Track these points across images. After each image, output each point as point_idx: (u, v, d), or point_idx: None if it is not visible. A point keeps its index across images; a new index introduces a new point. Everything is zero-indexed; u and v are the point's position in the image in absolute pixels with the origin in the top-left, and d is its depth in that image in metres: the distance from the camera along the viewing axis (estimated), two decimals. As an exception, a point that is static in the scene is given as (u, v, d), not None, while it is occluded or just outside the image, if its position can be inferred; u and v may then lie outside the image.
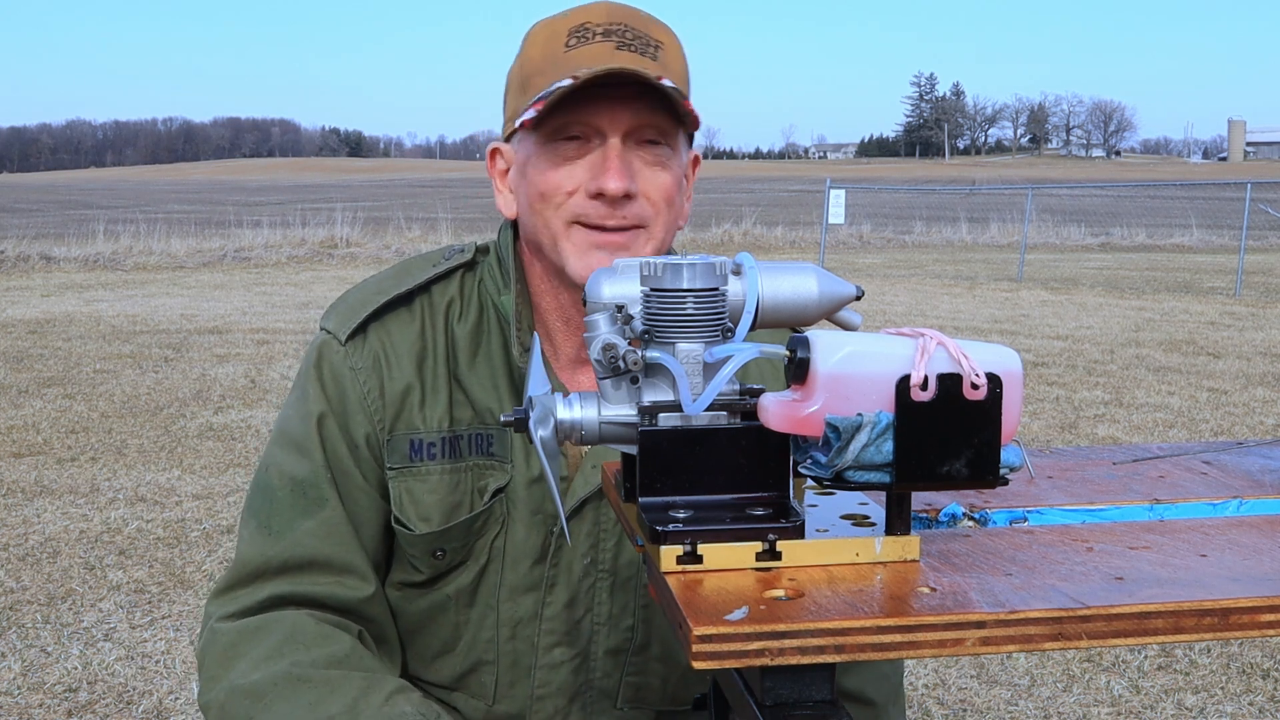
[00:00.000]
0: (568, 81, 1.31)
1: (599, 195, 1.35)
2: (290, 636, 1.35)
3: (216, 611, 1.41)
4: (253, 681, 1.32)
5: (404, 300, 1.47)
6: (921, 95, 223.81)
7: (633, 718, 1.50)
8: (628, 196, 1.35)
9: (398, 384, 1.43)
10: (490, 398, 1.44)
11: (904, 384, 0.88)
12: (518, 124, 1.39)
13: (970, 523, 1.09)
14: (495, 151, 1.49)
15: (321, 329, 1.48)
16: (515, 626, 1.45)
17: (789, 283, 1.04)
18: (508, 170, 1.47)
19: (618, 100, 1.34)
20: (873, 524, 0.98)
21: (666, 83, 1.32)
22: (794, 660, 0.81)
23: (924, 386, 0.88)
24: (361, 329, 1.45)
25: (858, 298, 1.08)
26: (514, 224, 1.49)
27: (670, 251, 1.54)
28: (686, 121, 1.39)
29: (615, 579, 1.45)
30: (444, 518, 1.43)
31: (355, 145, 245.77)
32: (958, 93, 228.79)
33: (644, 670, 1.49)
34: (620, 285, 1.03)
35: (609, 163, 1.34)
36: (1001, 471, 0.90)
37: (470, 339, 1.46)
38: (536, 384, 1.05)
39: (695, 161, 1.52)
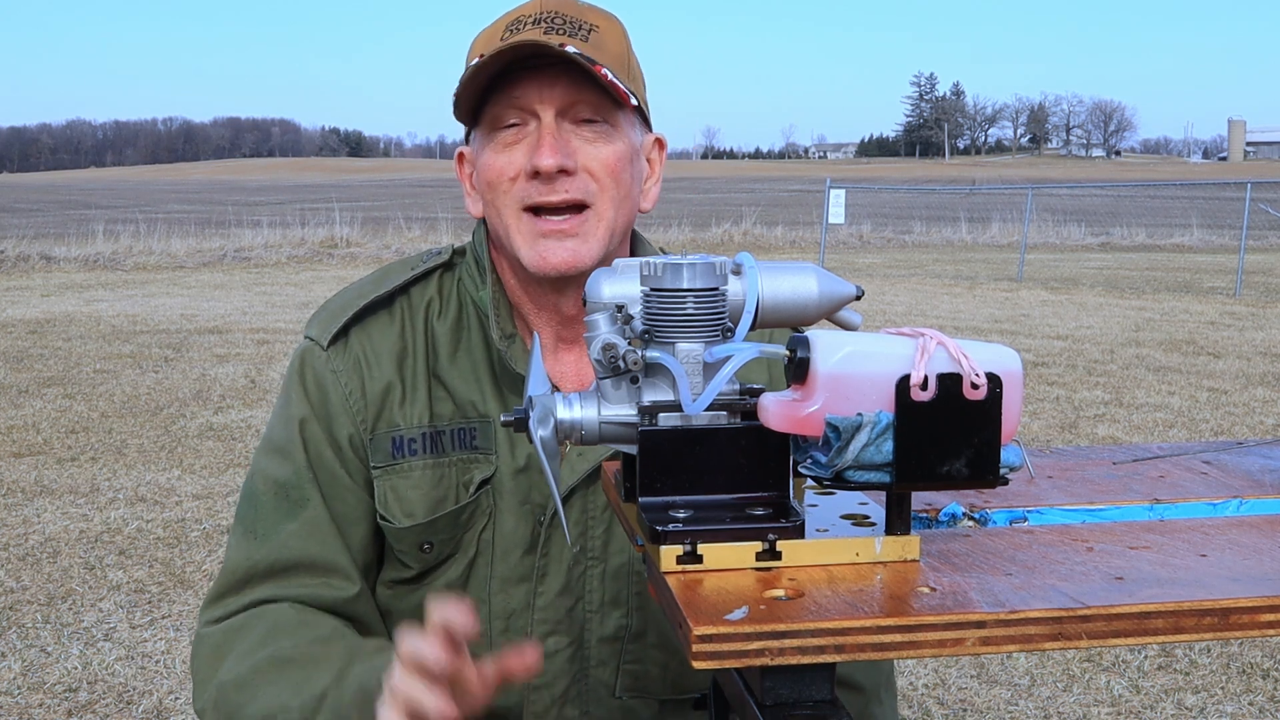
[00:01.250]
0: (477, 60, 1.34)
1: (536, 174, 1.37)
2: (274, 627, 1.37)
3: (205, 619, 1.43)
4: (238, 674, 1.33)
5: (384, 303, 1.49)
6: (921, 95, 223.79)
7: (634, 708, 1.50)
8: (565, 172, 1.37)
9: (378, 383, 1.45)
10: (472, 390, 1.46)
11: (904, 384, 0.88)
12: (455, 116, 1.44)
13: (970, 522, 1.09)
14: (461, 156, 1.53)
15: (305, 337, 1.51)
16: (508, 618, 1.46)
17: (789, 283, 1.04)
18: (473, 172, 1.50)
19: (546, 79, 1.37)
20: (873, 524, 0.98)
21: (571, 49, 1.33)
22: (794, 660, 0.81)
23: (924, 386, 0.88)
24: (343, 333, 1.47)
25: (858, 298, 1.09)
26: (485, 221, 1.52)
27: (645, 246, 1.56)
28: (618, 96, 1.39)
29: (606, 566, 1.46)
30: (429, 511, 1.44)
31: (355, 145, 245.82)
32: (958, 93, 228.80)
33: (642, 658, 1.49)
34: (620, 285, 1.03)
35: (542, 140, 1.37)
36: (1001, 471, 0.90)
37: (451, 335, 1.48)
38: (537, 384, 1.05)
39: (659, 145, 1.53)
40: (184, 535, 5.18)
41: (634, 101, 1.41)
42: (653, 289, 0.98)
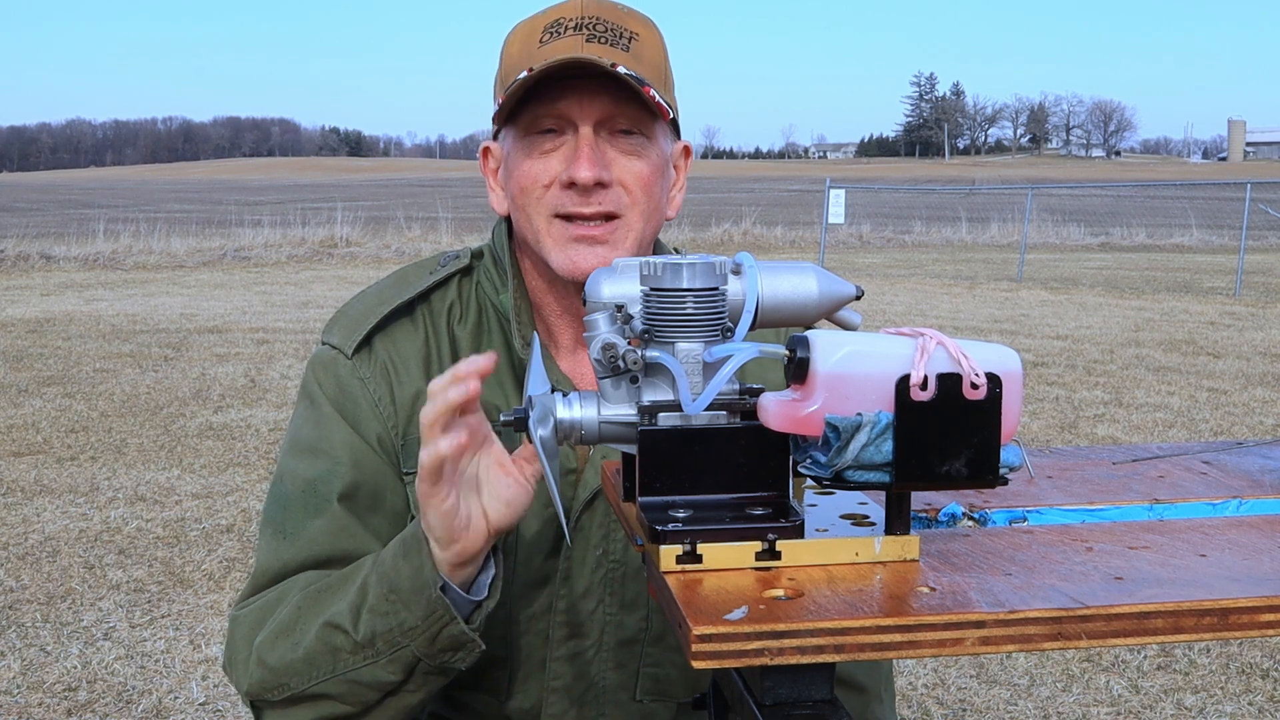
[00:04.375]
0: (524, 74, 1.33)
1: (571, 185, 1.37)
2: (306, 582, 1.36)
3: (235, 612, 1.42)
4: (279, 624, 1.32)
5: (405, 310, 1.48)
6: (921, 95, 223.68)
7: (654, 710, 1.50)
8: (601, 185, 1.37)
9: (408, 389, 1.44)
10: (496, 395, 1.45)
11: (904, 384, 0.88)
12: (493, 118, 1.43)
13: (970, 522, 1.09)
14: (486, 150, 1.52)
15: (325, 344, 1.48)
16: (529, 621, 1.46)
17: (789, 282, 1.04)
18: (498, 168, 1.49)
19: (587, 92, 1.36)
20: (872, 524, 0.98)
21: (621, 69, 1.33)
22: (793, 660, 0.81)
23: (924, 386, 0.88)
24: (367, 341, 1.46)
25: (857, 297, 1.09)
26: (508, 220, 1.51)
27: (662, 248, 1.55)
28: (656, 111, 1.39)
29: (626, 569, 1.46)
30: None
31: (355, 145, 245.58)
32: (958, 92, 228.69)
33: (662, 661, 1.49)
34: (620, 285, 1.03)
35: (580, 152, 1.37)
36: (1001, 471, 0.90)
37: (471, 339, 1.48)
38: (536, 384, 1.05)
39: (686, 152, 1.53)
40: (183, 535, 5.17)
41: (672, 114, 1.42)
42: (652, 289, 0.98)
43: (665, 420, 0.98)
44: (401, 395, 1.44)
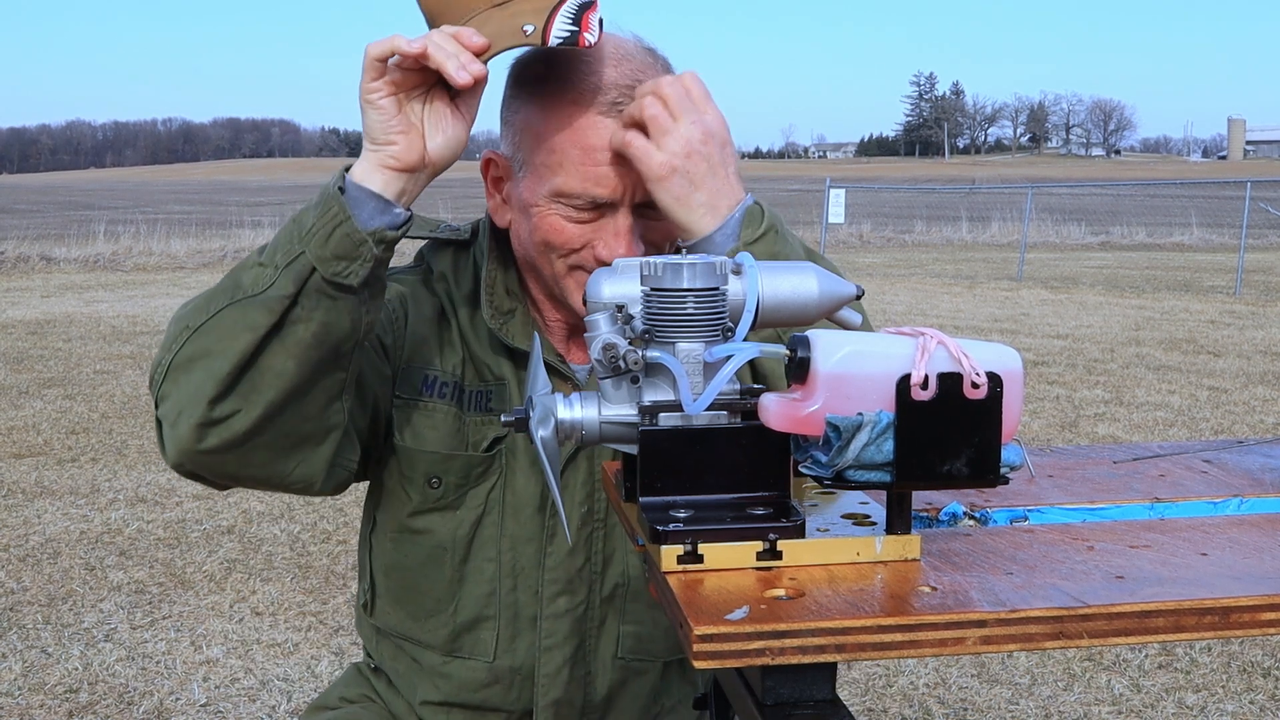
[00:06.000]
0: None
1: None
2: None
3: None
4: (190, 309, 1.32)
5: (412, 270, 1.54)
6: (921, 94, 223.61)
7: (639, 669, 1.52)
8: None
9: (416, 326, 1.47)
10: (488, 355, 1.49)
11: (904, 383, 0.88)
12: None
13: (971, 522, 1.10)
14: (490, 161, 1.49)
15: None
16: (516, 577, 1.48)
17: (789, 282, 1.04)
18: (502, 179, 1.48)
19: (622, 168, 1.35)
20: (873, 523, 0.98)
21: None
22: (795, 660, 0.81)
23: (924, 386, 0.88)
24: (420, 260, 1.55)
25: (858, 297, 1.09)
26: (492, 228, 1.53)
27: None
28: None
29: (608, 529, 1.49)
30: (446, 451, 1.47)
31: (355, 145, 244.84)
32: (957, 92, 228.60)
33: (642, 619, 1.51)
34: (620, 285, 1.03)
35: (620, 238, 1.38)
36: (1002, 470, 0.90)
37: (468, 301, 1.51)
38: (536, 384, 1.05)
39: None
40: (184, 536, 5.17)
41: None
42: (653, 289, 0.98)
43: (666, 420, 0.98)
44: (413, 323, 1.47)
